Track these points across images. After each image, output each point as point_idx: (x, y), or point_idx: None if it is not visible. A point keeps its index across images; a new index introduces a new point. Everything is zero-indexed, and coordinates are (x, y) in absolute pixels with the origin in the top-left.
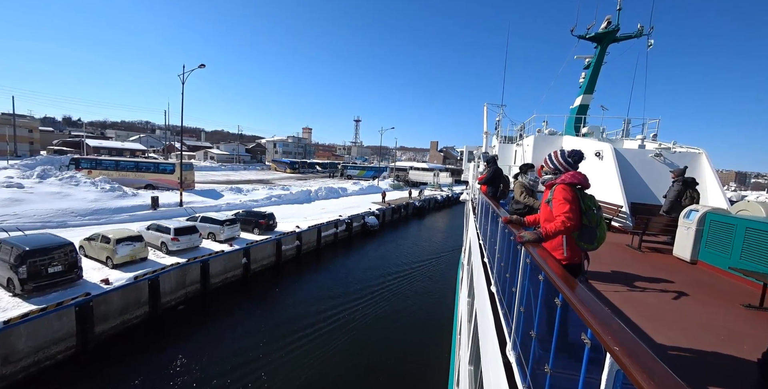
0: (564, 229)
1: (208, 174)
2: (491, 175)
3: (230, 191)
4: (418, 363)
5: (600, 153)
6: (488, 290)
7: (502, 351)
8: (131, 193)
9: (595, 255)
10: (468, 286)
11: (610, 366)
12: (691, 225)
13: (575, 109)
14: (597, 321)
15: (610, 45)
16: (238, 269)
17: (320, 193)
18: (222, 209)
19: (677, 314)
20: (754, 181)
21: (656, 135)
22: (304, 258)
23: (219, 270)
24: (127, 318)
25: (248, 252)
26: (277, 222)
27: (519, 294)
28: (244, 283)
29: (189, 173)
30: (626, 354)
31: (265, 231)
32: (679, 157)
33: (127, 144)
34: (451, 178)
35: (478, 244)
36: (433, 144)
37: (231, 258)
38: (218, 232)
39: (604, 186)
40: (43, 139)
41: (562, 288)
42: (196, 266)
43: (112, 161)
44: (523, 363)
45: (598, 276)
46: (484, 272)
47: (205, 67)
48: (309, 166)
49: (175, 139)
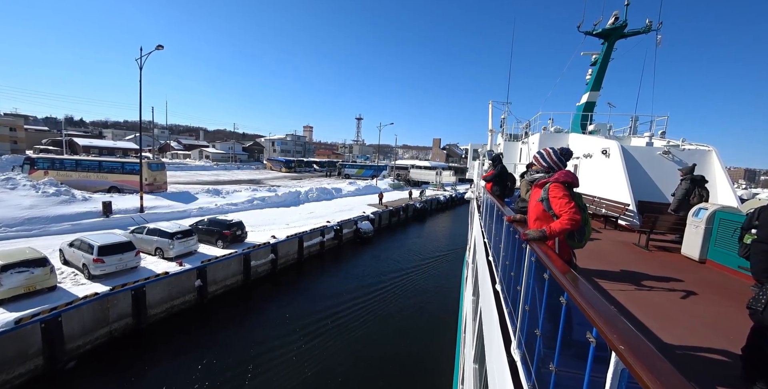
0: (570, 227)
1: (196, 174)
2: (497, 173)
3: (207, 193)
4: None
5: (607, 150)
6: (493, 288)
7: (506, 350)
8: (82, 198)
9: (602, 254)
10: (473, 285)
11: (615, 365)
12: (700, 224)
13: (581, 106)
14: (602, 319)
15: (618, 41)
16: (190, 294)
17: (311, 195)
18: (192, 215)
19: (685, 313)
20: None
21: (665, 132)
22: (281, 274)
23: (162, 298)
24: (3, 378)
25: (204, 272)
26: (247, 232)
27: (524, 292)
28: (199, 310)
29: (160, 173)
30: (631, 353)
31: (232, 243)
32: (688, 154)
33: (119, 143)
34: (454, 177)
35: (483, 243)
36: (436, 141)
37: (179, 281)
38: (166, 247)
39: (610, 184)
40: (31, 139)
41: (567, 286)
42: (126, 295)
43: (72, 161)
44: (528, 361)
45: (605, 275)
46: (489, 270)
47: (162, 48)
48: (306, 165)
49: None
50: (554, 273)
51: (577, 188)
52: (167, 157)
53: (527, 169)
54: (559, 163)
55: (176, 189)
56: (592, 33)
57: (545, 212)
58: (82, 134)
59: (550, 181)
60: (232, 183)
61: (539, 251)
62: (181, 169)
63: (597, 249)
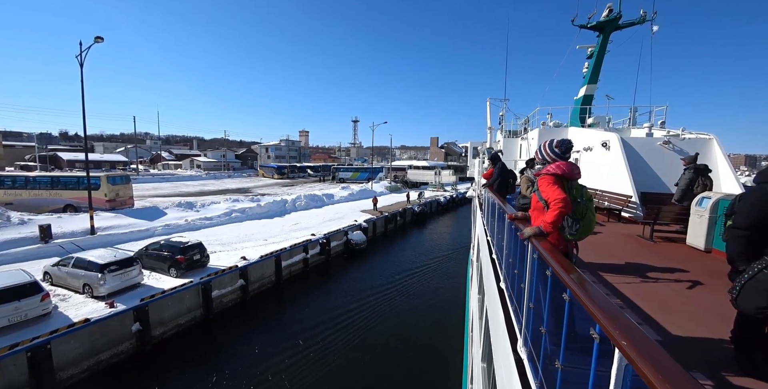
0: (559, 210)
1: (182, 184)
2: (497, 174)
3: (178, 207)
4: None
5: (606, 143)
6: (498, 287)
7: (513, 348)
8: (18, 221)
9: (607, 247)
10: (478, 283)
11: (618, 361)
12: (704, 213)
13: (580, 99)
14: (604, 315)
15: (613, 33)
16: (126, 343)
17: (298, 203)
18: (156, 234)
19: (692, 304)
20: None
21: (664, 122)
22: (254, 303)
23: (80, 354)
24: None
25: (144, 312)
26: (208, 254)
27: (528, 290)
28: (139, 360)
29: (123, 187)
30: (634, 348)
31: (189, 270)
32: (689, 143)
33: (106, 156)
34: (454, 176)
35: (486, 241)
36: (433, 140)
37: (107, 328)
38: (95, 283)
39: (612, 176)
40: (13, 155)
41: (569, 282)
42: (19, 358)
43: (22, 177)
44: (535, 359)
45: (610, 268)
46: (492, 268)
47: (103, 40)
48: (299, 170)
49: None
50: (556, 269)
51: (574, 179)
52: (158, 167)
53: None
54: (553, 155)
55: (152, 203)
56: (587, 26)
57: (538, 202)
58: (68, 148)
59: (541, 174)
60: (216, 193)
61: (540, 248)
62: (167, 180)
63: (601, 243)
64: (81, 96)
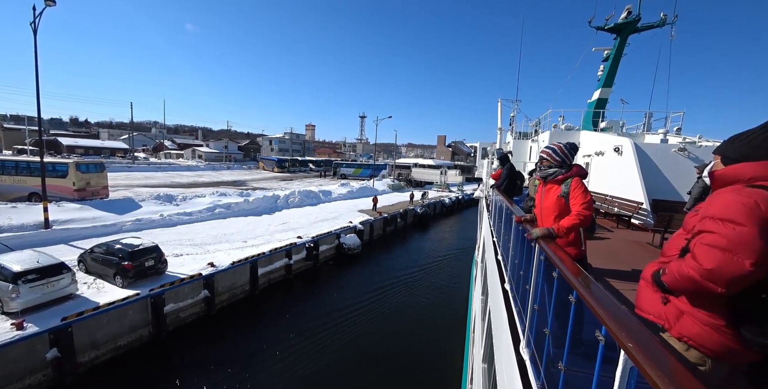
0: (579, 222)
1: (178, 175)
2: (506, 175)
3: (156, 200)
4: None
5: (619, 148)
6: (502, 288)
7: (515, 349)
8: None
9: (614, 253)
10: (482, 284)
11: (624, 363)
12: None
13: (593, 103)
14: (611, 317)
15: (631, 36)
16: (36, 375)
17: (291, 200)
18: (123, 230)
19: None
20: None
21: (680, 129)
22: (221, 316)
23: None
24: None
25: (66, 335)
26: (166, 259)
27: (533, 291)
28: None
29: (96, 176)
30: (640, 351)
31: (140, 279)
32: (705, 151)
33: (107, 142)
34: (461, 177)
35: (492, 242)
36: (440, 138)
37: (5, 358)
38: (5, 296)
39: (623, 182)
40: (12, 138)
41: (577, 284)
42: None
43: None
44: (537, 360)
45: (617, 274)
46: (498, 270)
47: (55, 4)
48: (301, 164)
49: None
50: (563, 271)
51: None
52: (160, 156)
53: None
54: (570, 156)
55: (135, 194)
56: (604, 28)
57: (545, 202)
58: (70, 134)
59: (570, 176)
60: (209, 185)
61: (547, 249)
62: (163, 169)
63: (609, 249)
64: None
